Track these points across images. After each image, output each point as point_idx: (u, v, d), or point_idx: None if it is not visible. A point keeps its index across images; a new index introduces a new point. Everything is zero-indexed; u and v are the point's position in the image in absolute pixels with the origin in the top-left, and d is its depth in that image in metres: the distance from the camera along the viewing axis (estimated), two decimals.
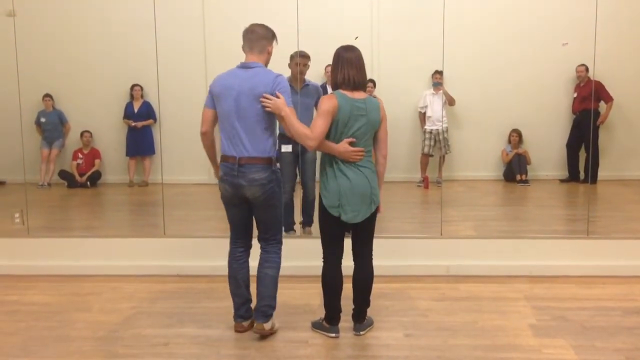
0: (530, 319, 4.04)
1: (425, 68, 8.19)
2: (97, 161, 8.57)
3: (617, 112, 7.99)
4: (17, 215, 5.64)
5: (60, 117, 8.53)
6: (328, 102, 3.49)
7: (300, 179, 5.73)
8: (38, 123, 8.39)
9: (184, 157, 7.89)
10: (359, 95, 3.56)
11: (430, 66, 8.09)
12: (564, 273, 4.90)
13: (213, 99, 3.67)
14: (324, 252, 3.75)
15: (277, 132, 3.86)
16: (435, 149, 8.21)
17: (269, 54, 3.69)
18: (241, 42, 3.71)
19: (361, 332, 3.80)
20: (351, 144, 3.53)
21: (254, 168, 3.56)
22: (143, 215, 7.23)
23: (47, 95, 8.42)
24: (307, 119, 4.38)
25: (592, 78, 7.48)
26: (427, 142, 8.22)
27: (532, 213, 7.21)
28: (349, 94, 3.53)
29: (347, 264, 3.79)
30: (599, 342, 3.66)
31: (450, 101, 8.12)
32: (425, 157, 8.20)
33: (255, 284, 3.80)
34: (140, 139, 8.50)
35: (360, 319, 3.84)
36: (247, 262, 3.87)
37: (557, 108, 8.34)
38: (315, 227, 5.28)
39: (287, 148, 5.45)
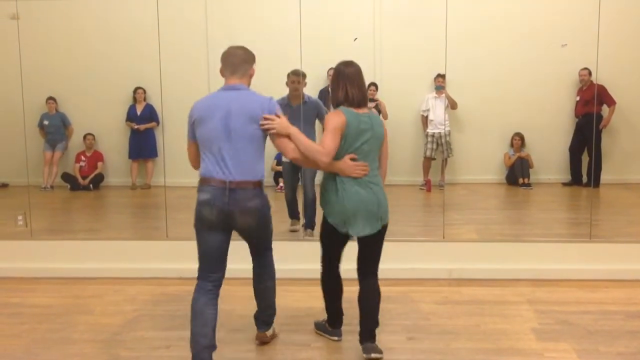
0: (532, 323, 4.03)
1: (428, 71, 8.20)
2: (99, 164, 8.60)
3: (619, 116, 7.99)
4: (20, 217, 5.65)
5: (63, 120, 8.56)
6: (336, 119, 3.39)
7: (302, 182, 5.88)
8: (41, 126, 8.42)
9: (187, 159, 7.91)
10: (362, 110, 3.50)
11: (432, 69, 8.11)
12: (567, 277, 4.89)
13: (193, 128, 3.37)
14: (322, 257, 3.70)
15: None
16: (437, 152, 8.22)
17: (251, 76, 3.48)
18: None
19: (372, 355, 3.48)
20: (354, 159, 3.42)
21: (246, 194, 3.28)
22: (145, 217, 7.24)
23: (50, 98, 8.45)
24: (309, 134, 4.47)
25: (594, 82, 7.48)
26: (429, 146, 8.23)
27: (534, 217, 7.20)
28: (353, 109, 3.47)
29: (347, 267, 3.72)
30: (601, 346, 3.66)
31: (452, 104, 8.13)
32: (428, 161, 8.21)
33: (255, 296, 3.72)
34: (143, 142, 8.53)
35: (371, 338, 3.58)
36: (216, 299, 3.39)
37: (560, 111, 8.35)
38: (316, 229, 5.30)
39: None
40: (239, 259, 4.57)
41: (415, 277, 4.92)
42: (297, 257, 4.72)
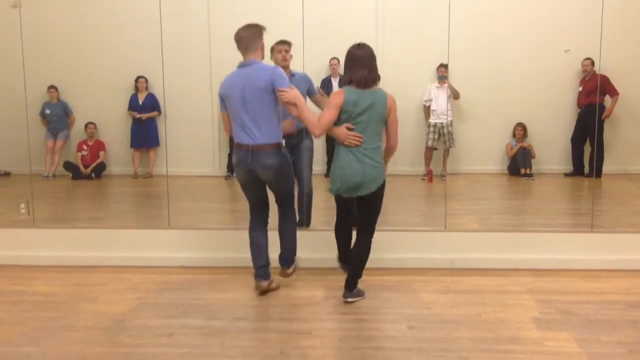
0: (533, 312, 4.05)
1: (430, 61, 8.19)
2: (101, 153, 8.61)
3: (622, 107, 7.98)
4: (22, 205, 5.67)
5: (65, 109, 8.57)
6: (337, 97, 3.90)
7: (295, 172, 5.08)
8: (43, 114, 8.43)
9: (189, 149, 7.92)
10: (369, 89, 3.94)
11: (435, 59, 8.09)
12: (568, 267, 4.90)
13: (224, 102, 4.18)
14: (337, 210, 4.25)
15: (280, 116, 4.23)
16: (439, 142, 8.22)
17: (262, 48, 4.15)
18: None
19: (348, 299, 4.15)
20: (350, 129, 3.88)
21: (265, 155, 4.06)
22: (147, 206, 7.26)
23: (52, 87, 8.46)
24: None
25: (597, 72, 7.47)
26: (431, 136, 8.23)
27: (536, 207, 7.21)
28: (359, 89, 3.91)
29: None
30: (602, 336, 3.67)
31: (455, 95, 8.12)
32: (430, 151, 8.22)
33: (279, 239, 4.39)
34: (145, 131, 8.54)
35: (351, 287, 4.17)
36: (265, 230, 4.37)
37: (562, 102, 8.35)
38: (315, 222, 5.32)
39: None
40: (239, 248, 4.63)
41: (416, 267, 4.93)
42: (297, 246, 4.72)
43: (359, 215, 4.15)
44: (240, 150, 4.13)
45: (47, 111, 8.43)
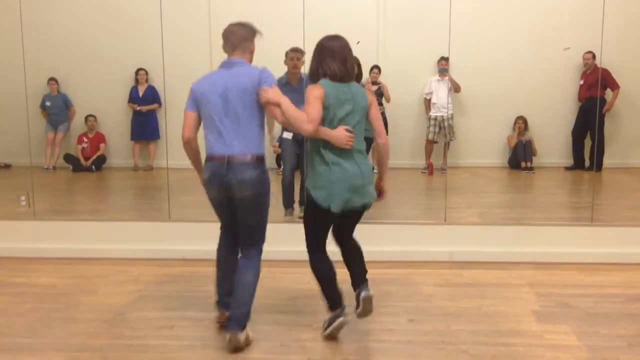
0: (533, 305, 4.06)
1: (431, 54, 8.17)
2: (102, 145, 8.60)
3: (623, 100, 7.97)
4: (23, 198, 5.67)
5: (65, 101, 8.55)
6: (315, 90, 3.33)
7: (299, 164, 5.72)
8: (43, 107, 8.41)
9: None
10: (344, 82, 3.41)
11: (436, 52, 8.07)
12: (568, 260, 4.91)
13: (196, 101, 3.47)
14: (307, 243, 3.55)
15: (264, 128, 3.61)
16: (440, 135, 8.21)
17: (252, 52, 3.55)
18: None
19: (371, 292, 3.54)
20: (350, 131, 3.35)
21: (244, 167, 3.35)
22: (148, 199, 7.26)
23: (52, 79, 8.44)
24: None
25: (598, 65, 7.45)
26: (431, 129, 8.22)
27: (536, 200, 7.21)
28: (335, 83, 3.37)
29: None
30: (601, 329, 3.68)
31: (455, 88, 8.10)
32: (430, 144, 8.21)
33: (234, 289, 3.54)
34: (145, 124, 8.53)
35: (363, 280, 3.60)
36: (236, 256, 3.61)
37: (563, 95, 8.33)
38: None
39: (288, 135, 5.55)
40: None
41: (416, 260, 4.94)
42: (295, 239, 4.72)
43: (343, 230, 3.61)
44: (213, 163, 3.40)
45: (48, 103, 8.41)
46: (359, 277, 3.60)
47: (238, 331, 3.40)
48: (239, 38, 3.47)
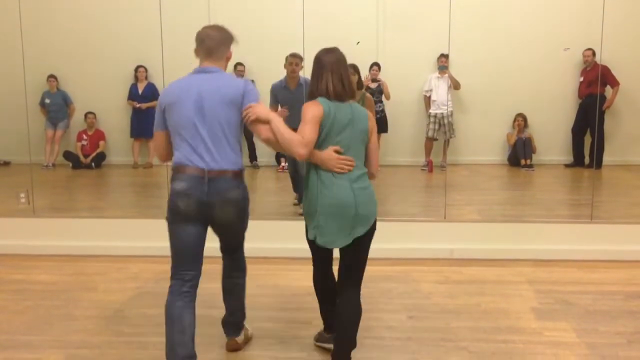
0: (532, 303, 4.06)
1: (431, 51, 8.16)
2: (101, 142, 8.60)
3: (623, 97, 7.96)
4: (22, 195, 5.67)
5: (65, 98, 8.55)
6: (314, 109, 3.00)
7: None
8: (43, 104, 8.40)
9: None
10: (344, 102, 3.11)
11: (436, 49, 8.06)
12: (567, 257, 4.91)
13: (164, 116, 3.08)
14: (312, 258, 3.32)
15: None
16: (439, 132, 8.21)
17: (228, 59, 3.21)
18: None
19: None
20: (339, 152, 3.02)
21: (227, 185, 2.99)
22: (147, 196, 7.25)
23: (52, 76, 8.43)
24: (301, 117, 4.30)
25: (598, 62, 7.44)
26: (431, 126, 8.21)
27: (536, 197, 7.21)
28: (334, 102, 3.07)
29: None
30: (601, 326, 3.68)
31: (455, 85, 8.09)
32: (430, 141, 8.20)
33: (223, 296, 3.42)
34: (145, 121, 8.50)
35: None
36: (194, 302, 3.14)
37: (563, 92, 8.32)
38: None
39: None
40: None
41: (416, 257, 4.94)
42: (297, 236, 4.72)
43: (344, 262, 3.15)
44: (187, 175, 2.99)
45: (47, 101, 8.40)
46: (340, 353, 3.11)
47: (236, 336, 3.42)
48: (215, 42, 3.10)
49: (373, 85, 7.74)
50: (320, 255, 3.24)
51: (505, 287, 4.37)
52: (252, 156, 8.00)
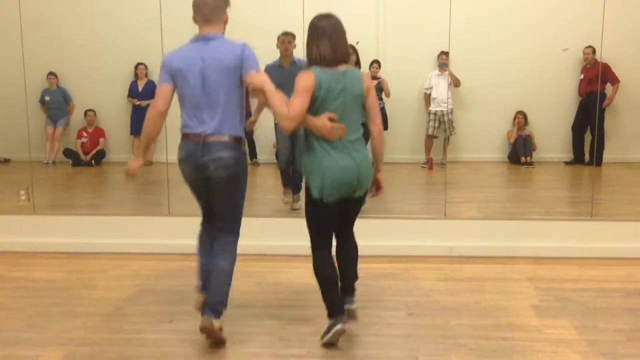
0: (533, 300, 4.06)
1: (431, 49, 8.15)
2: (101, 140, 8.59)
3: (623, 95, 7.96)
4: (22, 192, 5.67)
5: (65, 96, 8.53)
6: (305, 79, 3.14)
7: (292, 152, 5.80)
8: (42, 101, 8.39)
9: None
10: (340, 68, 3.21)
11: (436, 47, 8.05)
12: (567, 255, 4.91)
13: (170, 76, 3.31)
14: (312, 244, 3.40)
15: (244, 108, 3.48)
16: (439, 130, 8.20)
17: (226, 22, 3.39)
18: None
19: (354, 306, 3.50)
20: (333, 120, 3.17)
21: (220, 146, 3.23)
22: (147, 194, 7.24)
23: (52, 74, 8.42)
24: None
25: (598, 60, 7.43)
26: (431, 124, 8.21)
27: (536, 195, 7.21)
28: (328, 68, 3.18)
29: None
30: (601, 323, 3.68)
31: (455, 82, 8.09)
32: (430, 139, 8.20)
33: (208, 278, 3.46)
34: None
35: (351, 292, 3.53)
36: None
37: (563, 90, 8.32)
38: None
39: None
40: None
41: (416, 254, 4.94)
42: (296, 233, 4.72)
43: (341, 222, 3.44)
44: (188, 142, 3.28)
45: (47, 98, 8.39)
46: (348, 285, 3.50)
47: (212, 318, 3.28)
48: (210, 9, 3.28)
49: (373, 83, 7.74)
50: (323, 223, 3.35)
51: (505, 284, 4.36)
52: (252, 154, 7.99)
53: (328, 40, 3.18)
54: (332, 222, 3.38)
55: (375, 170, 3.44)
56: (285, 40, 5.58)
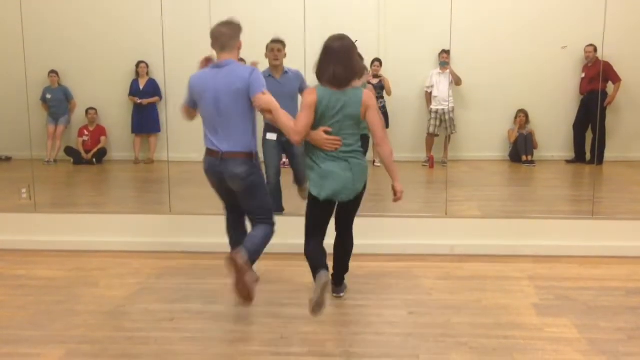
0: (533, 299, 4.06)
1: (432, 47, 8.14)
2: (102, 138, 8.60)
3: (624, 93, 7.95)
4: (24, 190, 5.67)
5: (66, 94, 8.55)
6: (308, 97, 3.59)
7: (291, 167, 5.52)
8: (44, 99, 8.41)
9: (190, 134, 7.85)
10: (344, 87, 3.59)
11: (437, 45, 8.04)
12: (568, 253, 4.91)
13: (192, 97, 3.84)
14: (306, 235, 3.82)
15: (256, 124, 3.91)
16: (440, 128, 8.20)
17: (239, 48, 3.83)
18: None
19: (341, 294, 4.04)
20: (328, 133, 3.58)
21: (235, 162, 3.72)
22: (148, 192, 7.26)
23: (53, 72, 8.43)
24: (290, 107, 4.11)
25: (600, 58, 7.43)
26: (432, 122, 8.21)
27: (537, 193, 7.21)
28: (332, 88, 3.58)
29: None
30: (602, 322, 3.68)
31: (456, 81, 8.08)
32: (431, 137, 8.20)
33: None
34: (146, 117, 8.52)
35: (339, 282, 4.05)
36: (244, 230, 4.05)
37: (564, 88, 8.31)
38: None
39: (272, 136, 5.25)
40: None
41: (417, 253, 4.94)
42: (297, 232, 4.73)
43: (339, 219, 3.91)
44: (210, 157, 3.80)
45: (48, 96, 8.40)
46: (338, 275, 4.03)
47: (241, 254, 3.57)
48: (227, 37, 3.74)
49: (374, 81, 7.74)
50: (318, 219, 3.79)
51: (506, 283, 4.36)
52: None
53: (342, 62, 3.54)
54: (323, 217, 3.80)
55: (392, 180, 3.77)
56: (275, 48, 5.20)
